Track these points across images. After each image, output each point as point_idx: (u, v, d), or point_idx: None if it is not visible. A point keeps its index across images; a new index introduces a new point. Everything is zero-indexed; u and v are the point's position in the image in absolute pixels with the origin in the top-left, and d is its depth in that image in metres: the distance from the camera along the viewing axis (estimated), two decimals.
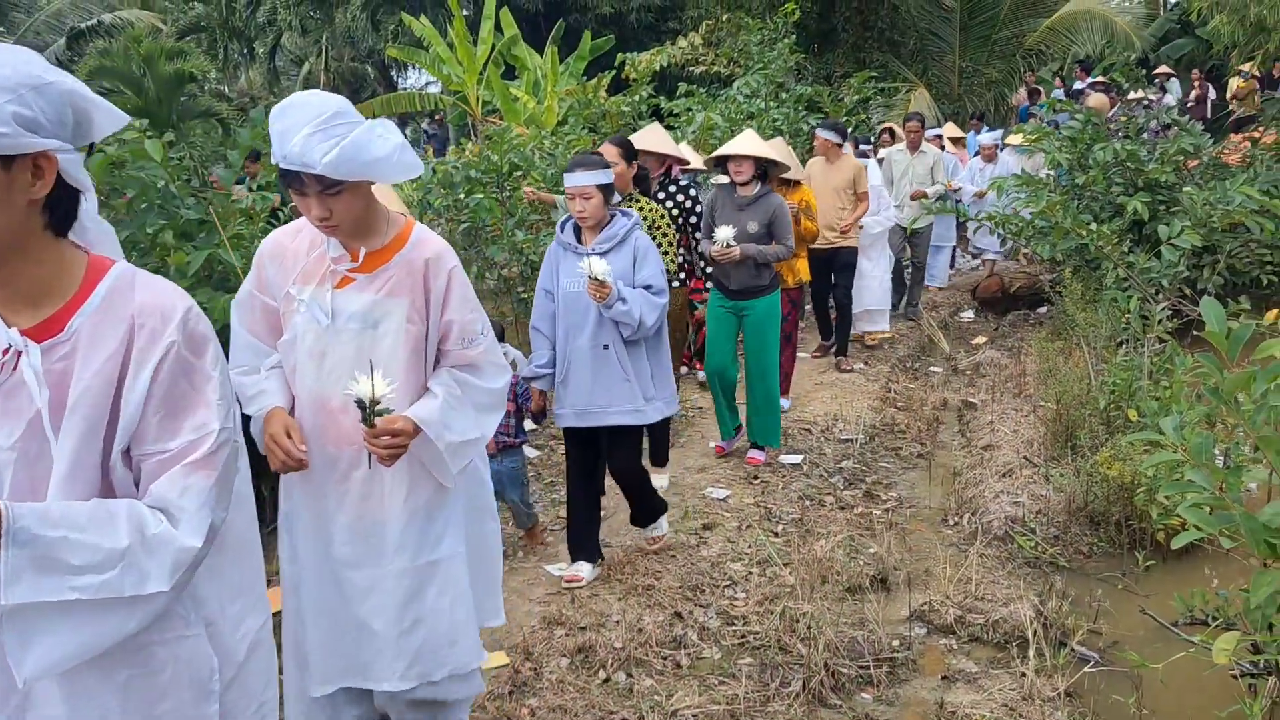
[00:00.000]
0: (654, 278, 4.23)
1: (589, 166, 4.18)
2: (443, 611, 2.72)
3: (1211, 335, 2.58)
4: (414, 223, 2.69)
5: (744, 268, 5.72)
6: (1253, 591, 2.31)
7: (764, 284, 5.82)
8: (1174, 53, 21.03)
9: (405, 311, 2.59)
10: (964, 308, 11.07)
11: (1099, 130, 8.72)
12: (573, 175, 4.18)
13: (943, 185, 9.84)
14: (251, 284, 2.71)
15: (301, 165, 2.30)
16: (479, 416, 2.70)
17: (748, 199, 5.78)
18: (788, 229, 5.76)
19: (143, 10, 25.21)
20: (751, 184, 5.77)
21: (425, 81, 28.64)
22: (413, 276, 2.59)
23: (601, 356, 4.24)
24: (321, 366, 2.59)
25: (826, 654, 3.75)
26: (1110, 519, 4.89)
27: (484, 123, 16.02)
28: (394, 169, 2.43)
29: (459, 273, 2.65)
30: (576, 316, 4.26)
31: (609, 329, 4.21)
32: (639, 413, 4.30)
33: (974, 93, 16.92)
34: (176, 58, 18.79)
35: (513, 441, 4.61)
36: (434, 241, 2.66)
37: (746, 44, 13.15)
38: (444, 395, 2.62)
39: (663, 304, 4.25)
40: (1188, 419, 4.22)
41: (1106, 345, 6.62)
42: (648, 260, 4.24)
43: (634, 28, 24.10)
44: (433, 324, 2.64)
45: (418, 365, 2.65)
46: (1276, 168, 8.47)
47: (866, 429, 6.70)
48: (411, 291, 2.59)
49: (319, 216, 2.43)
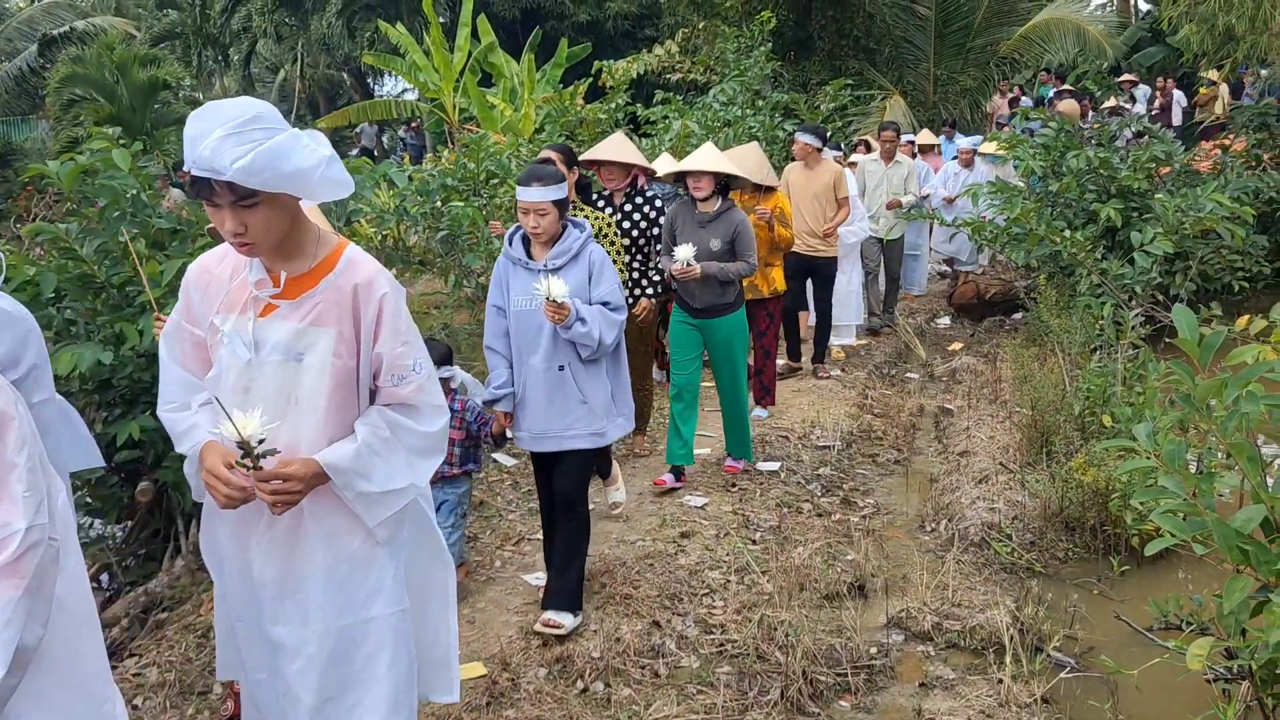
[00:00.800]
0: (611, 294, 4.04)
1: (544, 181, 3.91)
2: (376, 679, 2.46)
3: (1183, 342, 2.60)
4: (347, 244, 2.44)
5: (707, 286, 5.55)
6: (1226, 597, 2.33)
7: (728, 302, 5.65)
8: (1145, 60, 21.28)
9: (331, 343, 2.34)
10: (940, 314, 11.12)
11: (1072, 138, 8.80)
12: (527, 190, 3.91)
13: (915, 195, 9.75)
14: (179, 314, 2.48)
15: (211, 171, 2.07)
16: (411, 462, 2.43)
17: (709, 215, 5.58)
18: (751, 245, 5.60)
19: (116, 17, 25.06)
20: (712, 199, 5.57)
21: (402, 89, 28.58)
22: (341, 304, 2.35)
23: (557, 378, 4.03)
24: (246, 404, 2.30)
25: (804, 662, 3.75)
26: (1085, 524, 4.92)
27: (461, 130, 15.99)
28: (319, 184, 2.20)
29: (392, 301, 2.39)
30: (529, 335, 4.05)
31: (565, 349, 4.01)
32: (597, 436, 4.10)
33: (949, 100, 17.02)
34: (150, 65, 18.71)
35: (455, 471, 4.31)
36: (366, 265, 2.40)
37: (723, 51, 13.19)
38: (365, 439, 2.36)
39: (621, 320, 4.05)
40: (1160, 425, 4.25)
41: (1081, 351, 6.67)
42: (604, 275, 4.04)
43: (611, 35, 24.15)
44: (364, 357, 2.39)
45: (346, 403, 2.39)
46: (1246, 175, 8.58)
47: (844, 436, 6.72)
48: (339, 321, 2.35)
49: (232, 232, 2.17)
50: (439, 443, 2.51)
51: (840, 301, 8.76)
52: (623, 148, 5.94)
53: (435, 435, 2.48)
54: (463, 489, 4.37)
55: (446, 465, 4.23)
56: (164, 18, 29.96)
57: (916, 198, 9.78)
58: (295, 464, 2.27)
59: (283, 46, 28.95)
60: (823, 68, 16.89)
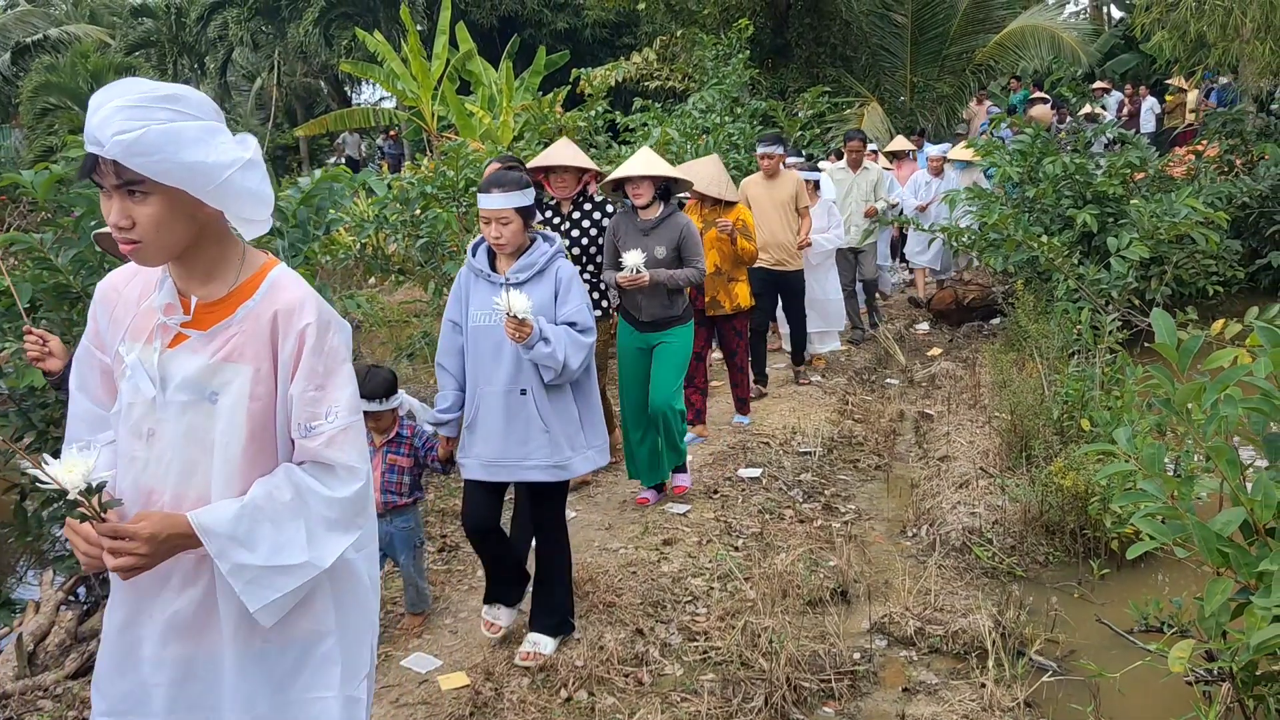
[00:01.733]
0: (579, 313, 3.74)
1: (506, 187, 3.65)
2: None
3: (1162, 347, 2.62)
4: (275, 264, 2.09)
5: (655, 297, 5.27)
6: (1206, 600, 2.34)
7: (677, 313, 5.36)
8: (1119, 67, 21.50)
9: (248, 382, 1.97)
10: (919, 320, 11.18)
11: (1048, 144, 8.88)
12: (489, 197, 3.65)
13: (886, 202, 9.67)
14: (88, 337, 2.12)
15: (94, 143, 1.78)
16: (314, 535, 1.98)
17: (651, 222, 5.30)
18: (698, 250, 5.33)
19: (90, 25, 24.93)
20: (653, 205, 5.30)
21: (380, 97, 28.50)
22: (259, 335, 1.99)
23: (518, 403, 3.73)
24: (150, 450, 1.97)
25: (788, 668, 3.75)
26: (1065, 528, 4.94)
27: (439, 138, 15.96)
28: (225, 189, 1.87)
29: (314, 333, 2.00)
30: (489, 355, 3.76)
31: (528, 371, 3.70)
32: (560, 469, 3.78)
33: (926, 107, 17.14)
34: (125, 73, 18.60)
35: (404, 501, 4.12)
36: (291, 289, 2.02)
37: (701, 59, 13.22)
38: (256, 499, 1.94)
39: (589, 343, 3.74)
40: (1139, 428, 4.29)
41: (1059, 356, 6.72)
42: (572, 293, 3.76)
43: (589, 43, 24.21)
44: (282, 398, 2.01)
45: (266, 452, 2.00)
46: (1219, 180, 8.68)
47: (825, 441, 6.74)
48: (257, 356, 1.98)
49: (116, 224, 1.85)
50: (353, 513, 2.05)
51: (820, 309, 8.66)
52: (572, 151, 5.62)
53: (347, 504, 2.03)
54: (413, 518, 4.18)
55: (396, 495, 4.08)
56: (139, 26, 29.81)
57: (888, 203, 9.72)
58: (149, 521, 1.85)
59: (259, 54, 28.84)
60: (800, 75, 16.98)
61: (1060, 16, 20.51)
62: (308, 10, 24.23)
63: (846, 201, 9.48)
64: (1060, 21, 18.61)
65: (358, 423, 2.07)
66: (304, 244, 5.25)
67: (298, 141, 26.05)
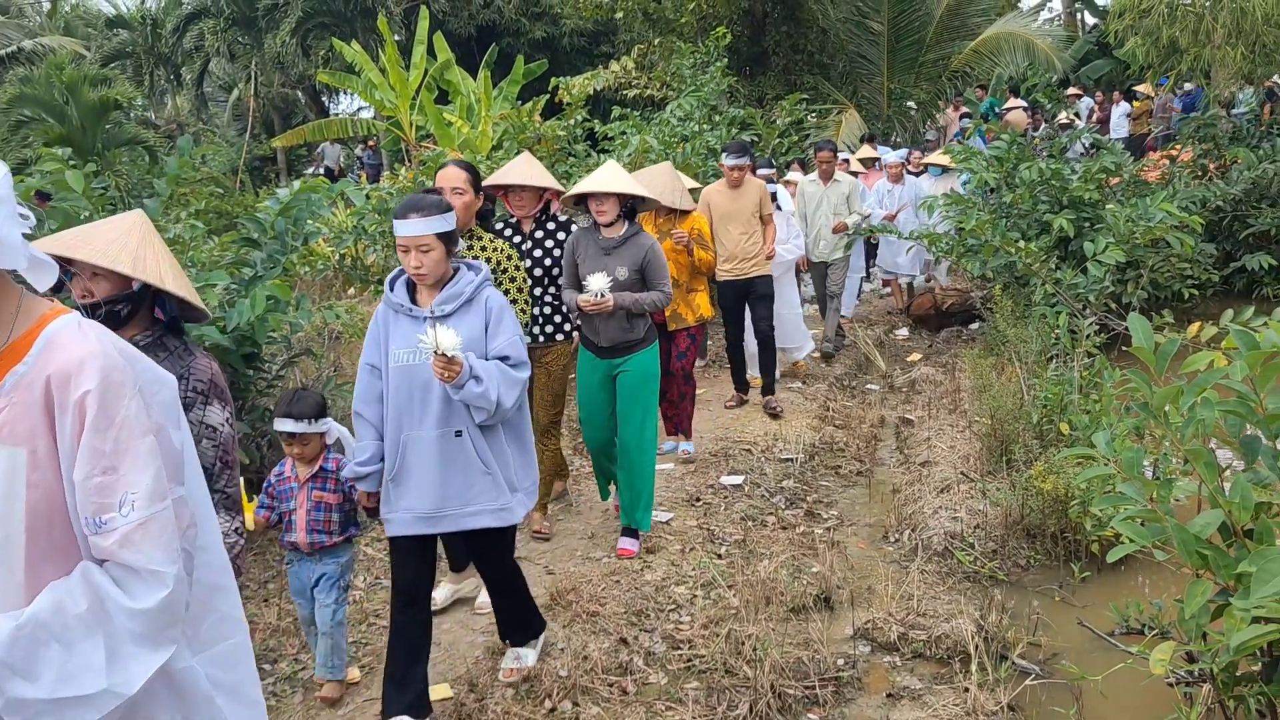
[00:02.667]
0: (511, 346, 3.40)
1: (425, 211, 3.31)
2: None
3: (1139, 351, 2.64)
4: (55, 315, 1.67)
5: (615, 321, 4.88)
6: (1186, 602, 2.36)
7: (638, 338, 4.95)
8: (1093, 73, 21.70)
9: (22, 467, 1.58)
10: (899, 325, 11.23)
11: (1024, 149, 8.95)
12: (405, 223, 3.29)
13: (859, 215, 9.17)
14: None
15: None
16: (117, 654, 1.58)
17: (614, 241, 4.92)
18: (663, 272, 4.96)
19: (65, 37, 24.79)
20: (617, 224, 4.92)
21: (358, 107, 28.43)
22: (32, 408, 1.59)
23: (454, 445, 3.38)
24: None
25: (772, 675, 3.75)
26: (1046, 532, 4.97)
27: (418, 148, 15.94)
28: None
29: (95, 402, 1.59)
30: (415, 397, 3.37)
31: (461, 410, 3.36)
32: (505, 511, 3.46)
33: (903, 114, 17.25)
34: (100, 85, 18.53)
35: (334, 541, 3.73)
36: (68, 347, 1.61)
37: (679, 67, 13.26)
38: (40, 614, 1.55)
39: (523, 379, 3.41)
40: (1117, 431, 4.32)
41: (1037, 360, 6.76)
42: (503, 325, 3.42)
43: (567, 52, 24.24)
44: (67, 481, 1.62)
45: (60, 551, 1.62)
46: (1194, 184, 8.77)
47: (806, 448, 6.75)
48: (31, 434, 1.59)
49: None
50: (161, 626, 1.63)
51: (782, 325, 7.99)
52: (532, 169, 5.26)
53: (151, 616, 1.61)
54: (345, 558, 3.81)
55: (324, 535, 3.70)
56: (114, 37, 29.69)
57: (861, 216, 9.25)
58: None
59: (236, 65, 28.73)
60: (778, 83, 17.05)
61: (1035, 23, 20.73)
62: (285, 21, 24.18)
63: (818, 215, 9.14)
64: (1035, 28, 18.80)
65: (163, 514, 1.64)
66: (282, 255, 5.24)
67: (275, 152, 25.98)
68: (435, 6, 22.54)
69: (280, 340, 5.80)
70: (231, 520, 2.56)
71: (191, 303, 2.54)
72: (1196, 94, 13.60)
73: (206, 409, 2.53)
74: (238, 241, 5.49)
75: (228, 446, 2.58)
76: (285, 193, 5.39)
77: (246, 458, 5.03)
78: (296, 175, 23.55)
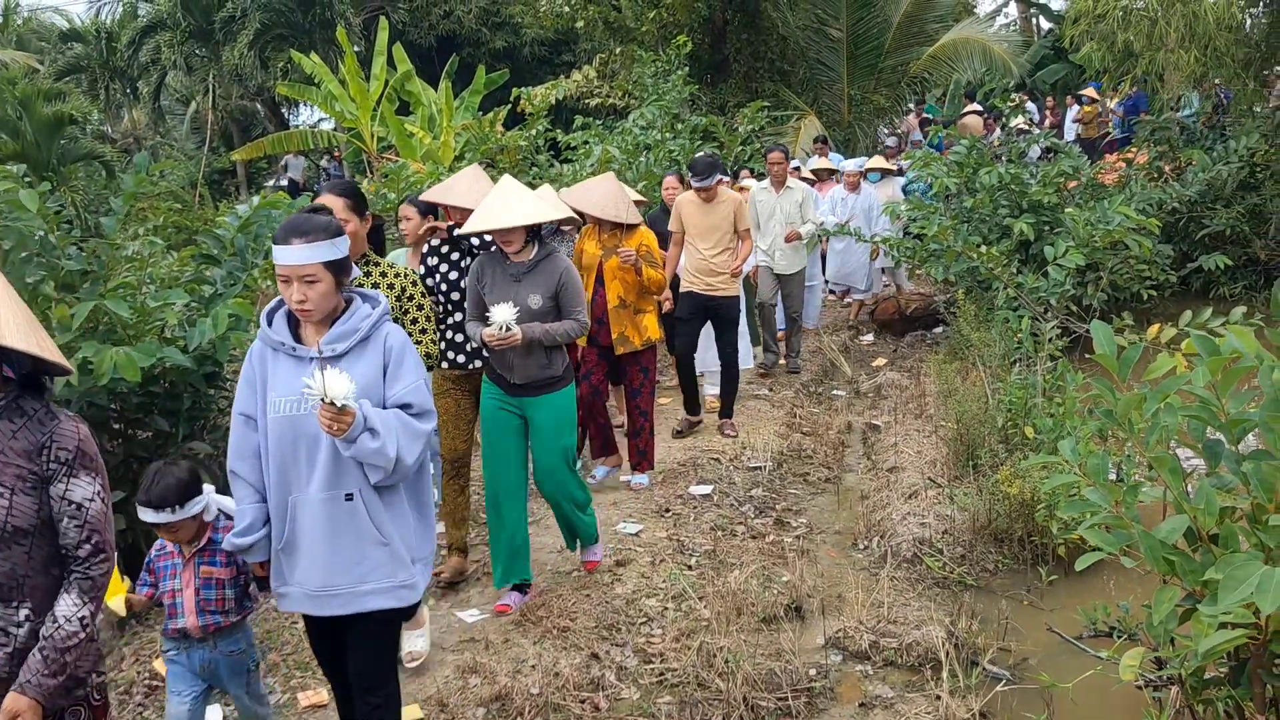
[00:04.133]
0: (413, 392, 2.86)
1: (310, 235, 2.75)
2: None
3: (1103, 358, 2.66)
4: None
5: (530, 356, 4.36)
6: (1155, 608, 2.37)
7: (556, 374, 4.44)
8: (1049, 77, 21.93)
9: None
10: (863, 331, 11.29)
11: (983, 154, 9.04)
12: (286, 249, 2.74)
13: (813, 224, 8.78)
14: None
15: None
16: None
17: (524, 266, 4.38)
18: (578, 297, 4.45)
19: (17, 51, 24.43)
20: (527, 248, 4.38)
21: (318, 118, 28.24)
22: None
23: (344, 511, 2.84)
24: None
25: (745, 688, 3.75)
26: (1013, 536, 5.01)
27: (380, 159, 15.84)
28: None
29: None
30: (301, 453, 2.84)
31: (354, 469, 2.82)
32: (405, 589, 2.92)
33: (864, 120, 17.36)
34: (55, 99, 18.27)
35: (230, 621, 3.27)
36: None
37: (641, 76, 13.28)
38: None
39: (427, 431, 2.88)
40: (1080, 434, 4.36)
41: (1001, 364, 6.82)
42: (404, 367, 2.88)
43: (528, 61, 24.22)
44: None
45: None
46: (1150, 187, 8.88)
47: (774, 456, 6.76)
48: None
49: None
50: None
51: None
52: (479, 185, 4.80)
53: None
54: (243, 640, 3.34)
55: (219, 616, 3.23)
56: (69, 51, 29.29)
57: (815, 224, 8.86)
58: None
59: (193, 78, 28.41)
60: (739, 90, 17.12)
61: (991, 28, 20.95)
62: (242, 33, 23.96)
63: (771, 224, 8.69)
64: (991, 33, 18.99)
65: None
66: (243, 272, 5.18)
67: (235, 165, 25.71)
68: (395, 17, 22.46)
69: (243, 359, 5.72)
70: (81, 606, 2.24)
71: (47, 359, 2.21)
72: (1138, 98, 13.77)
73: (70, 482, 2.23)
74: (197, 258, 5.42)
75: (98, 525, 2.27)
76: (245, 208, 5.33)
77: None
78: (257, 188, 23.33)
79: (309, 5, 23.82)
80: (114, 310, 4.38)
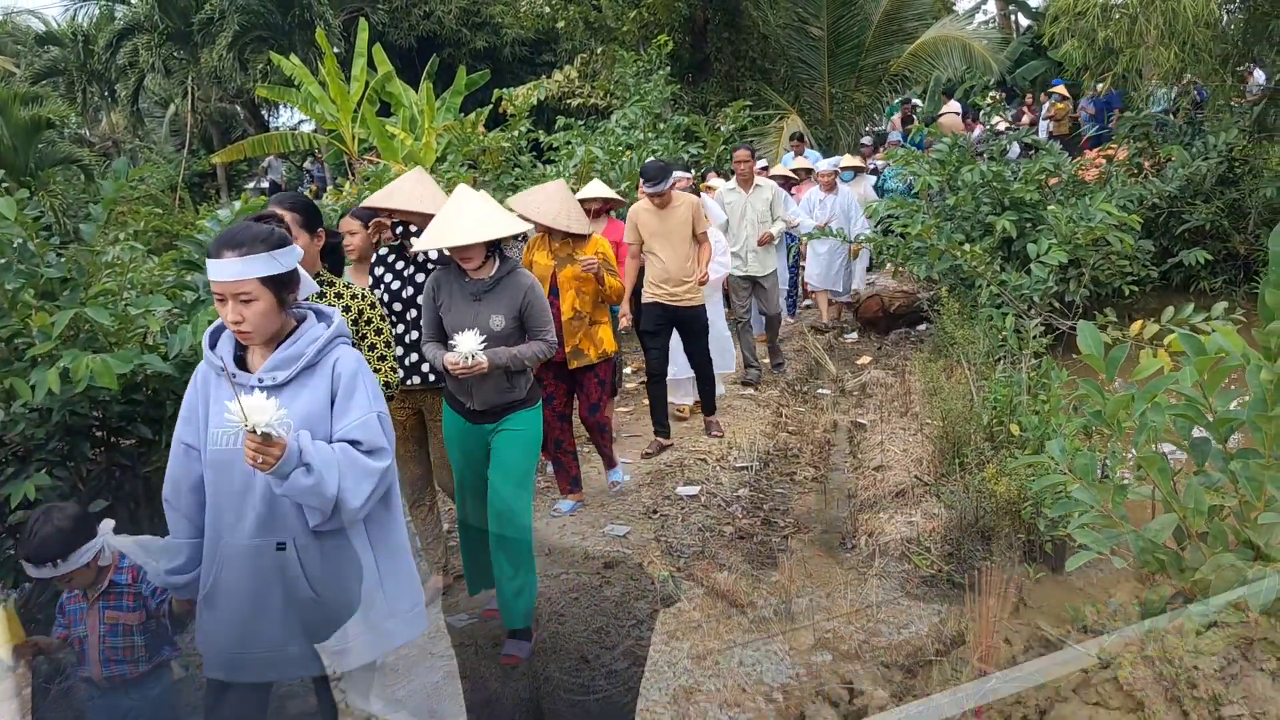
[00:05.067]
0: (363, 427, 2.53)
1: (246, 247, 2.48)
2: None
3: (1089, 358, 2.67)
4: None
5: (491, 381, 4.05)
6: (1146, 608, 2.38)
7: (520, 397, 4.13)
8: (1029, 74, 22.04)
9: None
10: (848, 329, 11.31)
11: (965, 152, 9.07)
12: (219, 263, 2.47)
13: (784, 223, 8.73)
14: None
15: None
16: None
17: (484, 284, 4.08)
18: (545, 315, 4.15)
19: None
20: (487, 264, 4.08)
21: (298, 120, 28.10)
22: None
23: (272, 563, 2.53)
24: None
25: (736, 690, 3.74)
26: (1000, 533, 5.01)
27: (361, 162, 15.77)
28: None
29: None
30: (236, 492, 2.55)
31: (289, 514, 2.52)
32: (341, 655, 2.62)
33: (845, 118, 17.40)
34: (32, 103, 18.15)
35: (138, 672, 3.04)
36: None
37: (622, 76, 13.28)
38: None
39: (380, 470, 2.53)
40: (1066, 431, 4.37)
41: (985, 362, 6.84)
42: (354, 398, 2.56)
43: (509, 62, 24.19)
44: None
45: None
46: (1131, 183, 8.93)
47: (760, 455, 6.76)
48: None
49: None
50: None
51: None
52: (421, 189, 4.53)
53: None
54: (159, 688, 3.06)
55: (127, 664, 3.00)
56: (45, 54, 29.05)
57: (786, 222, 8.81)
58: None
59: (172, 80, 28.25)
60: (721, 89, 17.15)
61: (970, 26, 21.02)
62: (221, 35, 23.85)
63: (742, 225, 8.56)
64: (970, 31, 19.04)
65: None
66: None
67: (215, 168, 25.58)
68: (374, 18, 22.38)
69: None
70: None
71: None
72: (1112, 96, 13.85)
73: None
74: (178, 263, 5.38)
75: None
76: (226, 213, 5.28)
77: None
78: (237, 191, 23.21)
79: (288, 7, 23.71)
80: (95, 318, 4.33)
